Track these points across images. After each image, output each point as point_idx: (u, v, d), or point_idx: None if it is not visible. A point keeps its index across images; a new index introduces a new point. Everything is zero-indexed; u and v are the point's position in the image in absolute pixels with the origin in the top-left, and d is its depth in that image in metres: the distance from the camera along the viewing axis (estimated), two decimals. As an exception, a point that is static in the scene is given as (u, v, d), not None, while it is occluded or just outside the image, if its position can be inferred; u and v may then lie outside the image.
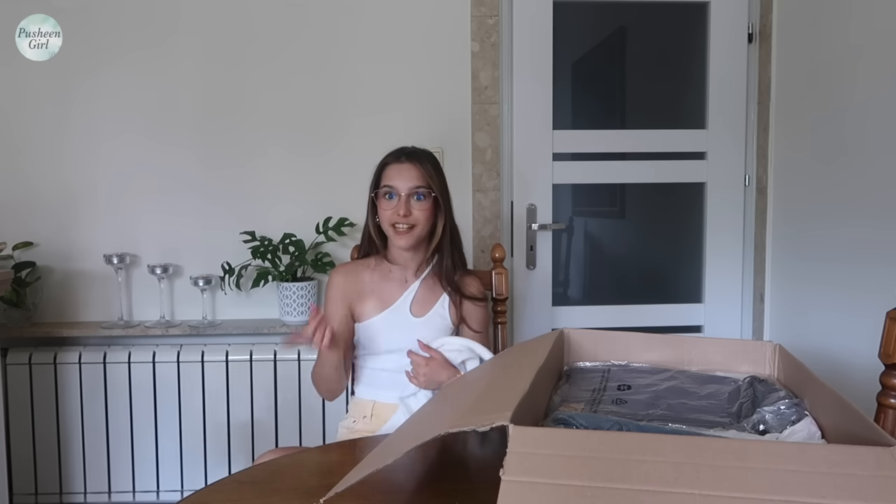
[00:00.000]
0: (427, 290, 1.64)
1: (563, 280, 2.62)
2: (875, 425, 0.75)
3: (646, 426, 0.86)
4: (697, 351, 1.15)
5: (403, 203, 1.54)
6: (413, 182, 1.56)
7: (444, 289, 1.64)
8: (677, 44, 2.62)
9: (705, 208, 2.50)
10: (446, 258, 1.63)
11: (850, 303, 1.95)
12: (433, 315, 1.62)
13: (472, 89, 2.38)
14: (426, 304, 1.63)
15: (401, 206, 1.54)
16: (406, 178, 1.56)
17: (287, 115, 2.36)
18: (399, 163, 1.58)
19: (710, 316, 2.52)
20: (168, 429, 2.26)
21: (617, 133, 2.53)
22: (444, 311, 1.63)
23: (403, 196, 1.55)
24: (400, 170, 1.57)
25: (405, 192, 1.55)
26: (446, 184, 1.63)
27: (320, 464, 1.23)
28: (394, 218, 1.56)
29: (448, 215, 1.62)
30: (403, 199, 1.55)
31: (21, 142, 2.32)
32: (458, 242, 1.66)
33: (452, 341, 1.55)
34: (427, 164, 1.59)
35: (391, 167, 1.59)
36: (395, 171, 1.58)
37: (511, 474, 0.65)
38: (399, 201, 1.55)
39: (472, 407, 0.84)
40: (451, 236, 1.64)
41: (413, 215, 1.55)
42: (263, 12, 2.34)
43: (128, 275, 2.36)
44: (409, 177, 1.56)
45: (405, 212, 1.54)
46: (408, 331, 1.58)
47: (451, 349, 1.53)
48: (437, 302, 1.63)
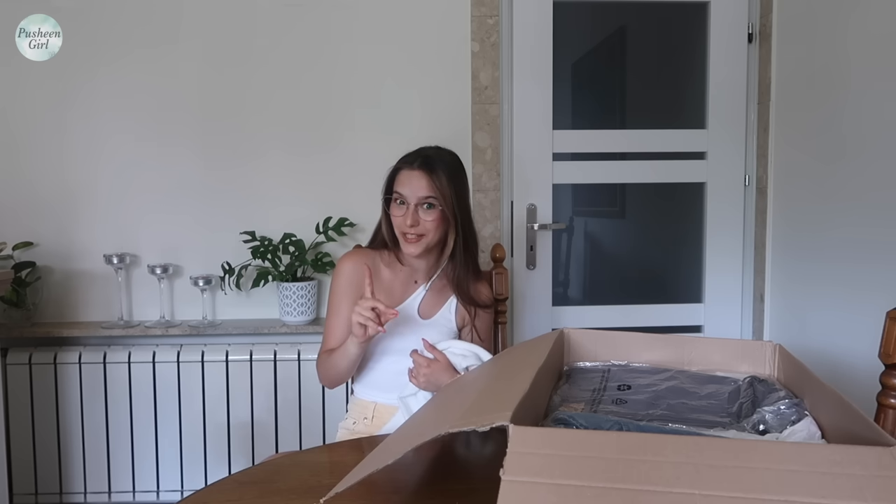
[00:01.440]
0: (436, 292, 1.62)
1: (563, 280, 2.62)
2: (875, 425, 0.75)
3: (646, 426, 0.86)
4: (697, 351, 1.15)
5: (412, 213, 1.50)
6: (422, 192, 1.50)
7: (454, 293, 1.62)
8: (677, 44, 2.62)
9: (705, 208, 2.50)
10: (459, 267, 1.58)
11: (850, 303, 1.95)
12: (440, 318, 1.61)
13: (472, 89, 2.38)
14: (434, 307, 1.62)
15: (408, 216, 1.50)
16: (415, 188, 1.51)
17: (287, 115, 2.36)
18: (411, 169, 1.53)
19: (710, 316, 2.52)
20: (168, 429, 2.26)
21: (617, 133, 2.53)
22: (451, 314, 1.62)
23: (412, 206, 1.50)
24: (410, 177, 1.52)
25: (414, 201, 1.50)
26: (464, 190, 1.58)
27: (320, 464, 1.23)
28: (403, 227, 1.52)
29: (462, 223, 1.56)
30: (412, 208, 1.50)
31: (21, 142, 2.32)
32: (472, 250, 1.60)
33: (458, 345, 1.52)
34: (441, 171, 1.52)
35: (403, 173, 1.54)
36: (406, 178, 1.52)
37: (511, 474, 0.65)
38: (408, 210, 1.51)
39: (472, 407, 0.84)
40: (466, 243, 1.58)
41: (421, 225, 1.50)
42: (263, 12, 2.34)
43: (128, 275, 2.36)
44: (418, 186, 1.50)
45: (412, 221, 1.50)
46: (414, 332, 1.56)
47: (456, 353, 1.50)
48: (444, 305, 1.62)
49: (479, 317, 1.64)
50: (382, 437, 1.13)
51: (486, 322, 1.66)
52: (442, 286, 1.63)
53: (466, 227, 1.58)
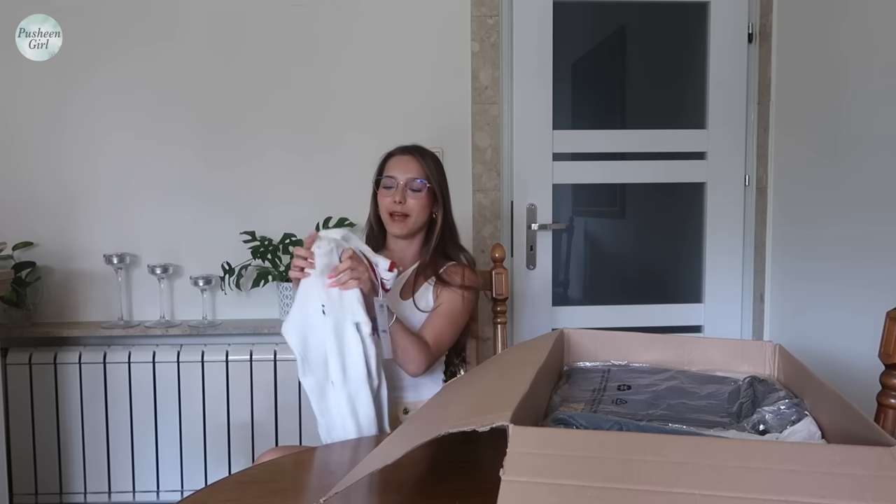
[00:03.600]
0: (420, 277, 1.67)
1: (563, 280, 2.62)
2: (875, 425, 0.75)
3: (646, 426, 0.86)
4: (697, 351, 1.15)
5: (400, 191, 1.62)
6: (411, 173, 1.64)
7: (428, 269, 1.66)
8: (677, 44, 2.62)
9: (705, 208, 2.50)
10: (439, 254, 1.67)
11: (850, 302, 1.95)
12: (419, 298, 1.63)
13: (472, 89, 2.38)
14: (415, 289, 1.65)
15: (397, 194, 1.62)
16: (405, 170, 1.64)
17: (287, 115, 2.36)
18: (402, 154, 1.68)
19: (710, 316, 2.52)
20: (168, 429, 2.26)
21: (617, 133, 2.53)
22: (430, 295, 1.64)
23: (401, 185, 1.63)
24: (400, 161, 1.66)
25: (403, 181, 1.63)
26: (446, 181, 1.70)
27: (320, 464, 1.24)
28: (390, 206, 1.62)
29: (445, 211, 1.68)
30: (401, 187, 1.62)
31: (21, 142, 2.32)
32: (451, 237, 1.71)
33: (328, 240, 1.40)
34: (428, 159, 1.68)
35: (393, 159, 1.68)
36: (396, 162, 1.67)
37: (511, 474, 0.65)
38: (396, 190, 1.62)
39: (472, 407, 0.84)
40: (444, 231, 1.69)
41: (408, 204, 1.62)
42: (263, 12, 2.34)
43: (128, 275, 2.36)
44: (408, 168, 1.64)
45: (400, 198, 1.61)
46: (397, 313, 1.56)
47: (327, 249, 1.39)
48: (423, 286, 1.65)
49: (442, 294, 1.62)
50: (383, 437, 1.13)
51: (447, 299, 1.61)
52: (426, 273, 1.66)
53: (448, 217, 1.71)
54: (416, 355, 1.51)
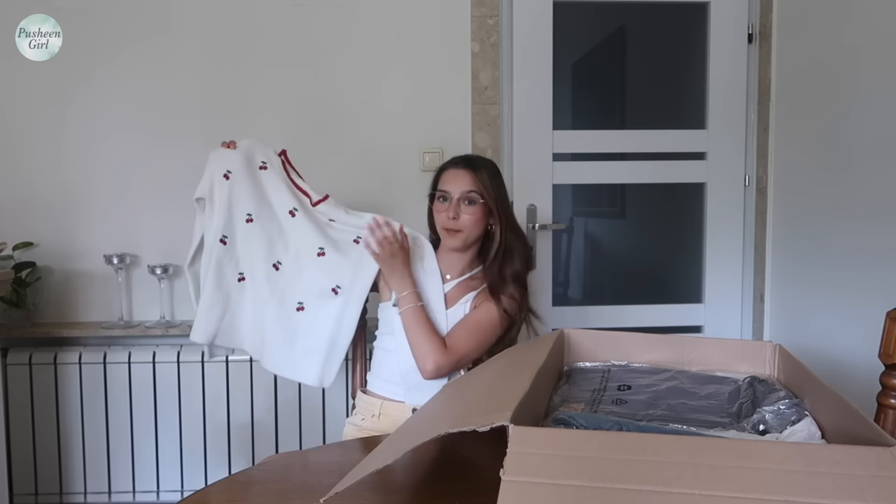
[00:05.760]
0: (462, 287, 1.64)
1: (563, 280, 2.62)
2: (875, 425, 0.75)
3: (646, 426, 0.86)
4: (697, 351, 1.15)
5: (454, 206, 1.60)
6: (465, 187, 1.61)
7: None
8: (677, 44, 2.62)
9: (705, 209, 2.50)
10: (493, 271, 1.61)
11: (849, 303, 1.95)
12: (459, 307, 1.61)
13: (472, 89, 2.38)
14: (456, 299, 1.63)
15: (451, 210, 1.60)
16: (459, 184, 1.61)
17: (287, 114, 2.36)
18: (455, 168, 1.65)
19: (710, 316, 2.52)
20: (168, 429, 2.26)
21: (617, 133, 2.53)
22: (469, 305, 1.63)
23: (454, 200, 1.60)
24: (455, 175, 1.63)
25: (457, 195, 1.61)
26: (504, 193, 1.66)
27: (321, 464, 1.24)
28: (444, 222, 1.61)
29: (506, 225, 1.62)
30: (454, 202, 1.60)
31: (21, 142, 2.32)
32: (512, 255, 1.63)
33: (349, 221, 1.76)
34: (483, 171, 1.63)
35: (447, 172, 1.65)
36: (451, 175, 1.64)
37: (511, 474, 0.65)
38: (450, 205, 1.61)
39: (472, 407, 0.84)
40: (506, 247, 1.62)
41: (461, 219, 1.60)
42: (263, 12, 2.34)
43: (128, 275, 2.36)
44: (462, 182, 1.61)
45: (454, 214, 1.60)
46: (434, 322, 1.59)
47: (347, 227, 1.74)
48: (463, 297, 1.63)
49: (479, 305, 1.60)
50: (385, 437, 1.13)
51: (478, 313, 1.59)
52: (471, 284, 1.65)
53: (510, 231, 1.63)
54: (430, 351, 1.52)
